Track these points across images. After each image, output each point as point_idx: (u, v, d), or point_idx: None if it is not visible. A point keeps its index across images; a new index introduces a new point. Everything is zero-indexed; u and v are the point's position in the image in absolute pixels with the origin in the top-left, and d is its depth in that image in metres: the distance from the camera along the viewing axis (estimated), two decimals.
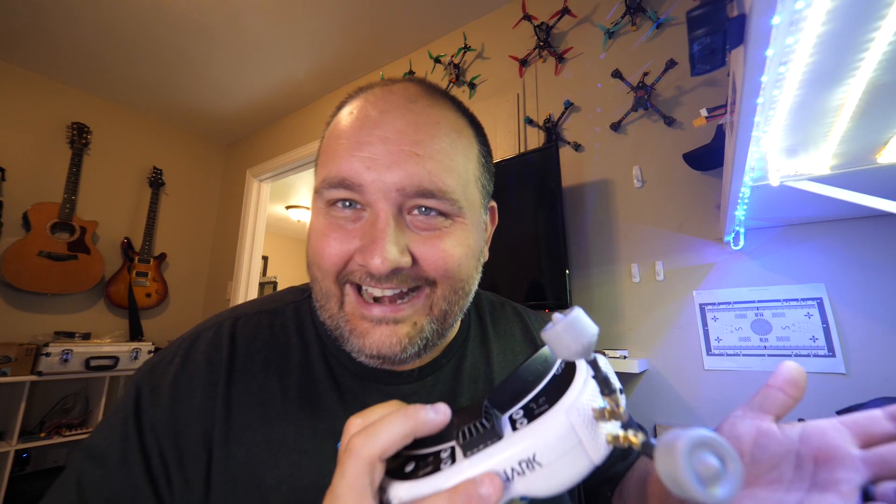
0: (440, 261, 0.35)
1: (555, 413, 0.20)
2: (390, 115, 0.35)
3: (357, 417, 0.24)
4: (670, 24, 1.31)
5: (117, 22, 1.87)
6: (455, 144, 0.36)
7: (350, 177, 0.33)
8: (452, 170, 0.35)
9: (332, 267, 0.35)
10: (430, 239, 0.35)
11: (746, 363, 1.04)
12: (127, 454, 0.33)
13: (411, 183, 0.33)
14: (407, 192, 0.33)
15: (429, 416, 0.23)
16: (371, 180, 0.33)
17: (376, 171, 0.33)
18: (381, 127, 0.34)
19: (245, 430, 0.35)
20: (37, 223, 2.07)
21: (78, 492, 0.32)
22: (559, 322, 0.20)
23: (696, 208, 1.19)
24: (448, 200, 0.34)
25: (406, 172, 0.33)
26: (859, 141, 0.61)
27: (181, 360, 0.37)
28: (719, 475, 0.17)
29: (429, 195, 0.34)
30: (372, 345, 0.34)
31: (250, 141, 2.88)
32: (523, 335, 0.51)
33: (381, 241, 0.32)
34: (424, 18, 1.85)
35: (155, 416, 0.34)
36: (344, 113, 0.38)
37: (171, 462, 0.34)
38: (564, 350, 0.20)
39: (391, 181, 0.33)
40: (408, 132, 0.34)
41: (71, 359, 1.84)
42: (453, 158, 0.36)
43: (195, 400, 0.35)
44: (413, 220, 0.35)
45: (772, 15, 0.36)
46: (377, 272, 0.32)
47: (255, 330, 0.41)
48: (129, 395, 0.36)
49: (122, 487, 0.32)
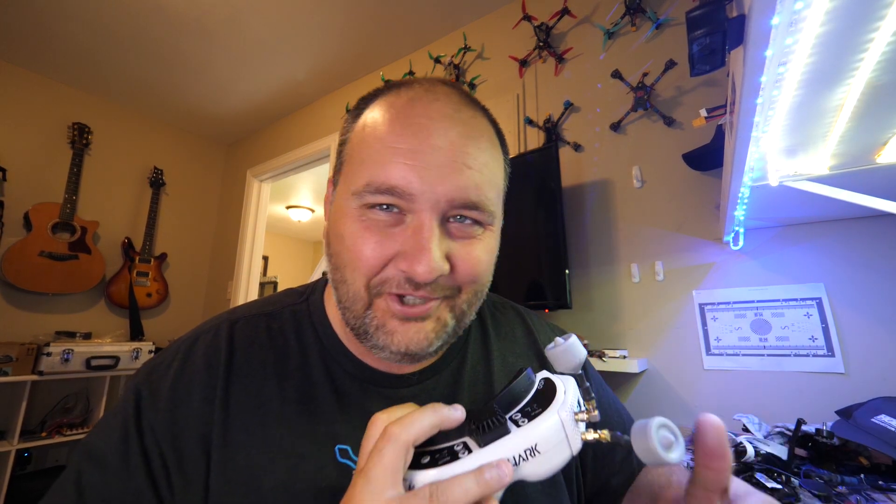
0: (473, 268, 0.36)
1: (549, 413, 0.26)
2: (440, 124, 0.35)
3: (383, 413, 0.27)
4: (670, 24, 1.31)
5: (118, 22, 1.87)
6: (494, 158, 0.38)
7: (401, 185, 0.33)
8: (494, 183, 0.37)
9: (369, 270, 0.34)
10: (465, 246, 0.36)
11: (746, 363, 1.05)
12: (127, 457, 0.33)
13: (460, 196, 0.34)
14: (455, 203, 0.34)
15: (452, 413, 0.27)
16: (422, 191, 0.33)
17: (428, 183, 0.33)
18: (434, 136, 0.34)
19: (243, 433, 0.35)
20: (38, 223, 2.07)
21: (77, 493, 0.32)
22: (560, 345, 0.28)
23: (695, 208, 1.19)
24: (487, 212, 0.36)
25: (456, 185, 0.33)
26: (858, 141, 0.61)
27: (180, 363, 0.37)
28: (673, 444, 0.23)
29: (473, 207, 0.34)
30: (400, 342, 0.35)
31: (250, 141, 2.89)
32: (525, 336, 0.50)
33: (427, 250, 0.32)
34: (424, 19, 1.85)
35: (155, 419, 0.34)
36: (382, 111, 0.36)
37: (171, 464, 0.34)
38: (562, 365, 0.28)
39: (442, 192, 0.33)
40: (458, 143, 0.34)
41: (72, 358, 1.84)
42: (493, 171, 0.37)
43: (194, 403, 0.35)
44: (451, 227, 0.35)
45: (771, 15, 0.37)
46: (422, 280, 0.32)
47: (253, 333, 0.40)
48: (128, 397, 0.36)
49: (122, 490, 0.32)
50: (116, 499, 0.32)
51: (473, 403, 0.43)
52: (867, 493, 0.64)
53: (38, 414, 1.94)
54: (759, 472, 0.69)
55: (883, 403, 0.76)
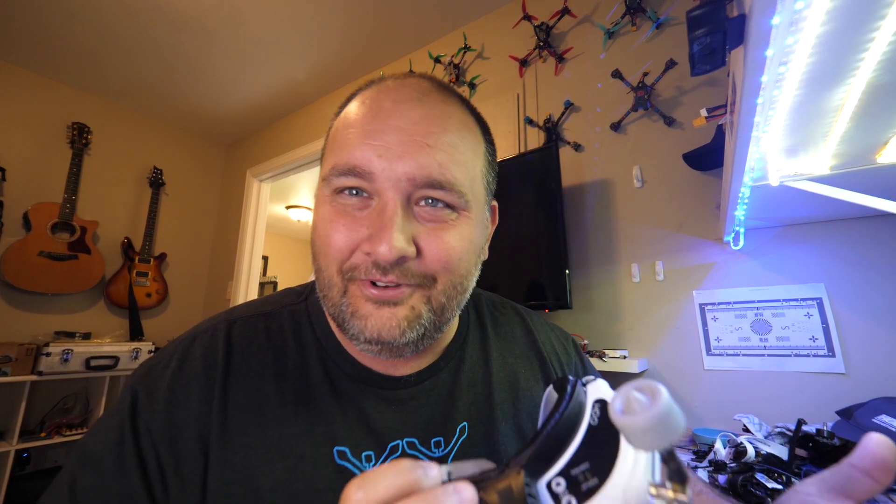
0: (443, 253, 0.35)
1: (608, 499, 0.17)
2: (403, 107, 0.35)
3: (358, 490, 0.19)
4: (670, 24, 1.31)
5: (118, 22, 1.87)
6: (464, 139, 0.37)
7: (361, 164, 0.33)
8: (461, 163, 0.36)
9: (339, 255, 0.34)
10: (434, 230, 0.35)
11: (746, 363, 1.04)
12: (122, 458, 0.33)
13: (422, 173, 0.33)
14: (417, 181, 0.33)
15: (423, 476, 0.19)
16: (381, 168, 0.33)
17: (387, 160, 0.33)
18: (394, 117, 0.34)
19: (241, 433, 0.35)
20: (37, 223, 2.07)
21: (71, 496, 0.32)
22: (643, 411, 0.16)
23: (695, 208, 1.19)
24: (456, 193, 0.35)
25: (417, 163, 0.33)
26: (859, 141, 0.61)
27: (177, 363, 0.37)
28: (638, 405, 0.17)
29: (437, 186, 0.34)
30: (373, 327, 0.34)
31: (250, 141, 2.88)
32: (525, 337, 0.50)
33: (388, 229, 0.32)
34: (424, 18, 1.85)
35: (151, 420, 0.34)
36: (355, 103, 0.38)
37: (167, 466, 0.33)
38: (644, 443, 0.17)
39: (402, 170, 0.33)
40: (420, 123, 0.35)
41: (71, 358, 1.84)
42: (462, 153, 0.36)
43: (191, 404, 0.35)
44: (420, 210, 0.35)
45: (772, 15, 0.36)
46: (384, 260, 0.32)
47: (251, 333, 0.40)
48: (124, 398, 0.36)
49: (116, 492, 0.32)
50: (110, 501, 0.32)
51: (471, 404, 0.42)
52: None
53: (38, 414, 1.94)
54: (759, 472, 0.69)
55: (883, 403, 0.76)
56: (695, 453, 0.90)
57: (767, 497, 0.64)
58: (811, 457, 0.74)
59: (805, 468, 0.70)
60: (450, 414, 0.41)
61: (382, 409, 0.39)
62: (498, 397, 0.43)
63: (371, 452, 0.37)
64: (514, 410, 0.43)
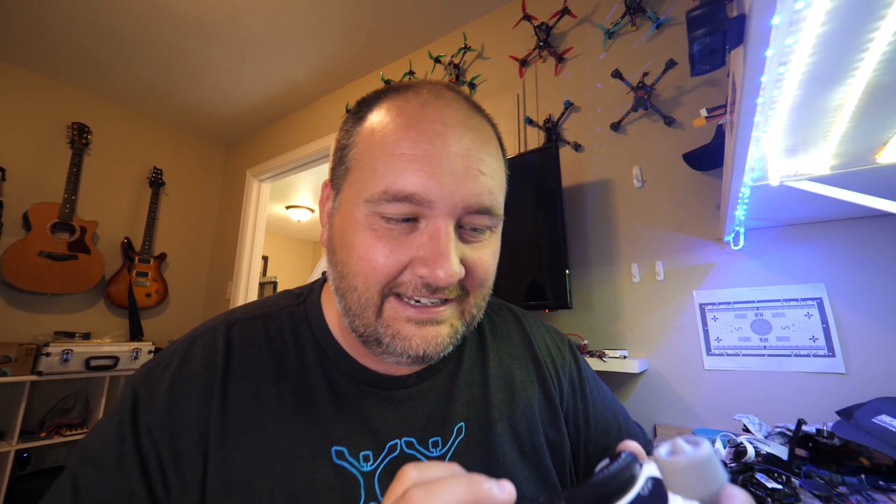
0: (483, 272, 0.37)
1: None
2: (456, 131, 0.35)
3: (413, 469, 0.22)
4: (670, 24, 1.31)
5: (117, 22, 1.87)
6: (500, 163, 0.39)
7: (419, 193, 0.33)
8: (501, 186, 0.38)
9: (383, 278, 0.34)
10: (476, 250, 0.37)
11: (746, 363, 1.04)
12: (123, 458, 0.33)
13: (476, 201, 0.34)
14: (471, 209, 0.34)
15: (493, 491, 0.20)
16: (441, 197, 0.33)
17: (447, 189, 0.33)
18: (449, 142, 0.34)
19: (240, 434, 0.35)
20: (37, 223, 2.07)
21: (73, 496, 0.32)
22: (684, 454, 0.18)
23: (695, 208, 1.19)
24: (497, 217, 0.37)
25: (473, 191, 0.34)
26: (859, 141, 0.61)
27: (178, 364, 0.37)
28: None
29: (486, 212, 0.35)
30: (418, 346, 0.35)
31: (250, 141, 2.88)
32: (521, 339, 0.50)
33: (446, 256, 0.33)
34: (424, 18, 1.85)
35: (152, 420, 0.34)
36: (393, 117, 0.36)
37: (168, 465, 0.34)
38: (684, 487, 0.18)
39: (460, 198, 0.34)
40: (472, 150, 0.35)
41: (71, 359, 1.84)
42: (501, 176, 0.38)
43: (192, 404, 0.35)
44: (465, 234, 0.36)
45: (771, 15, 0.36)
46: (443, 284, 0.33)
47: (250, 334, 0.40)
48: (125, 398, 0.36)
49: (117, 491, 0.32)
50: (111, 500, 0.32)
51: (468, 405, 0.43)
52: (868, 493, 0.64)
53: (38, 414, 1.93)
54: (759, 472, 0.69)
55: (883, 404, 0.76)
56: None
57: (767, 497, 0.64)
58: (811, 457, 0.74)
59: (805, 468, 0.70)
60: (447, 414, 0.41)
61: (381, 409, 0.40)
62: (494, 398, 0.44)
63: (369, 452, 0.37)
64: (510, 411, 0.44)
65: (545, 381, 0.47)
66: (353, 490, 0.35)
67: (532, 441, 0.43)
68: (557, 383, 0.48)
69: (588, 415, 0.48)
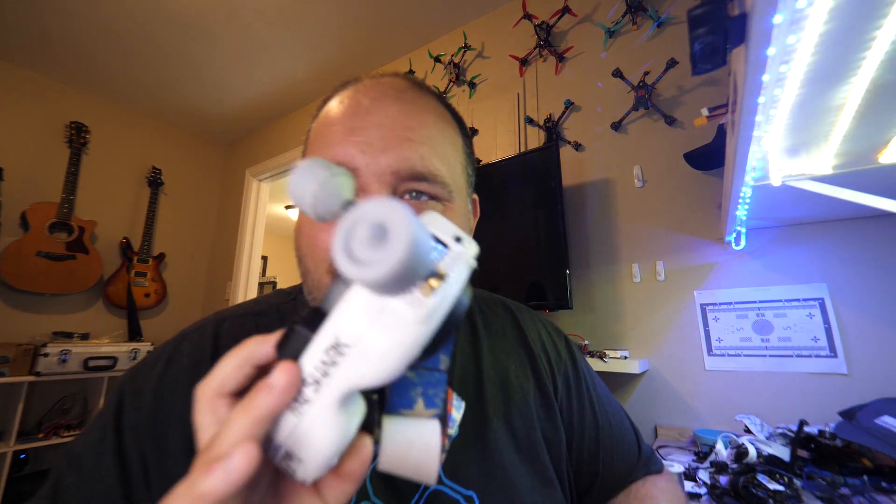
0: None
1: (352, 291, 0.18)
2: (382, 103, 0.36)
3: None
4: (671, 23, 1.31)
5: (116, 21, 1.86)
6: (443, 133, 0.38)
7: (344, 161, 0.34)
8: (442, 156, 0.37)
9: (326, 255, 0.34)
10: None
11: (748, 364, 1.04)
12: (100, 456, 0.33)
13: (405, 166, 0.34)
14: (401, 174, 0.34)
15: (257, 348, 0.23)
16: (366, 163, 0.34)
17: (371, 155, 0.34)
18: (374, 113, 0.35)
19: None
20: (35, 223, 2.06)
21: (53, 496, 0.32)
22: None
23: (697, 208, 1.19)
24: (439, 184, 0.36)
25: (400, 156, 0.34)
26: (861, 140, 0.60)
27: (165, 362, 0.37)
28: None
29: (421, 178, 0.35)
30: None
31: (250, 141, 2.88)
32: (515, 333, 0.50)
33: None
34: (424, 18, 1.85)
35: (136, 418, 0.34)
36: (333, 103, 0.39)
37: (151, 464, 0.33)
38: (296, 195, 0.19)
39: (386, 164, 0.34)
40: (400, 118, 0.35)
41: (69, 359, 1.83)
42: (442, 145, 0.38)
43: (178, 401, 0.35)
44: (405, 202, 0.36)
45: (773, 14, 0.36)
46: None
47: (239, 332, 0.40)
48: (111, 399, 0.36)
49: (92, 491, 0.32)
50: (88, 500, 0.32)
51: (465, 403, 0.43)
52: (870, 494, 0.63)
53: (35, 415, 1.93)
54: (761, 473, 0.68)
55: (886, 404, 0.76)
56: (696, 454, 0.89)
57: (769, 498, 0.63)
58: (813, 458, 0.74)
59: (807, 469, 0.70)
60: None
61: None
62: (489, 395, 0.43)
63: None
64: (505, 408, 0.43)
65: (540, 376, 0.47)
66: None
67: (528, 438, 0.42)
68: (552, 379, 0.47)
69: (583, 413, 0.47)
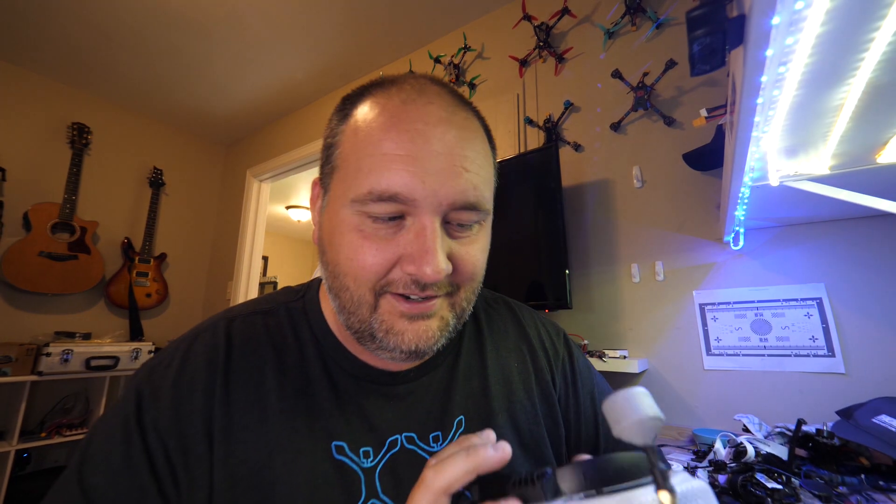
0: (471, 267, 0.37)
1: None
2: (438, 129, 0.35)
3: (433, 458, 0.29)
4: (670, 24, 1.31)
5: (118, 22, 1.87)
6: (487, 157, 0.38)
7: (403, 193, 0.33)
8: (488, 182, 0.38)
9: (373, 276, 0.35)
10: (464, 245, 0.37)
11: (746, 363, 1.04)
12: (130, 456, 0.33)
13: (461, 198, 0.34)
14: (455, 205, 0.35)
15: (488, 454, 0.26)
16: (425, 196, 0.33)
17: (431, 188, 0.33)
18: (432, 141, 0.34)
19: (242, 428, 0.35)
20: (37, 223, 2.07)
21: (83, 497, 0.32)
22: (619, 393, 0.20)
23: (695, 208, 1.19)
24: (485, 211, 0.37)
25: (457, 188, 0.34)
26: (859, 141, 0.61)
27: (180, 362, 0.37)
28: None
29: (472, 208, 0.35)
30: (410, 341, 0.35)
31: (250, 141, 2.88)
32: (516, 330, 0.51)
33: (433, 253, 0.33)
34: (424, 18, 1.85)
35: (158, 418, 0.34)
36: (376, 115, 0.35)
37: (177, 462, 0.34)
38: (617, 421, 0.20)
39: (444, 196, 0.34)
40: (455, 147, 0.35)
41: (71, 359, 1.84)
42: (488, 171, 0.38)
43: (196, 400, 0.35)
44: (452, 230, 0.36)
45: (771, 15, 0.36)
46: (430, 281, 0.34)
47: (250, 330, 0.41)
48: (128, 398, 0.36)
49: (127, 488, 0.32)
50: (122, 500, 0.32)
51: (468, 397, 0.43)
52: (868, 493, 0.64)
53: (38, 414, 1.94)
54: (759, 472, 0.69)
55: (883, 404, 0.76)
56: (695, 453, 0.90)
57: (767, 497, 0.64)
58: (811, 457, 0.74)
59: (805, 468, 0.70)
60: (447, 408, 0.42)
61: (381, 404, 0.40)
62: (493, 390, 0.44)
63: (369, 448, 0.37)
64: (509, 403, 0.44)
65: (541, 372, 0.48)
66: (354, 486, 0.35)
67: (532, 433, 0.43)
68: (551, 374, 0.48)
69: (579, 410, 0.48)
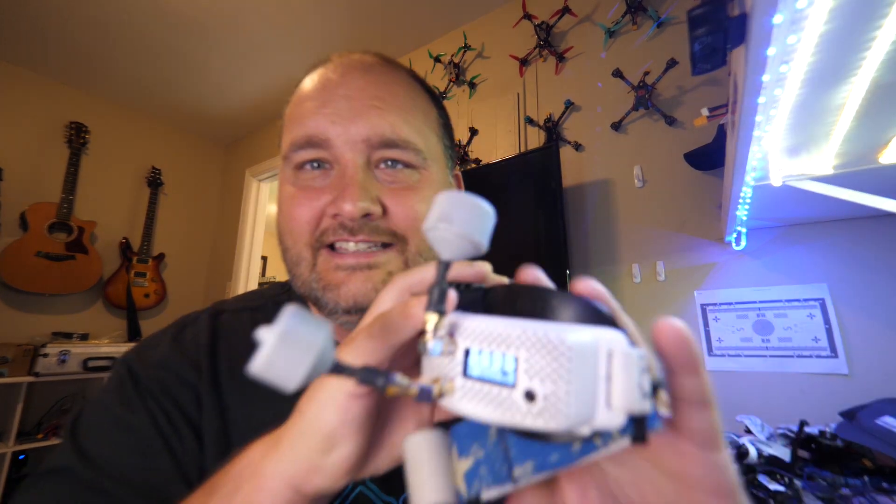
0: (410, 211, 0.35)
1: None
2: (350, 76, 0.37)
3: None
4: (671, 23, 1.31)
5: (116, 21, 1.86)
6: (414, 102, 0.38)
7: (316, 133, 0.34)
8: (413, 123, 0.37)
9: (306, 227, 0.35)
10: (398, 191, 0.36)
11: (748, 364, 1.04)
12: (133, 414, 0.33)
13: (375, 133, 0.34)
14: (372, 142, 0.34)
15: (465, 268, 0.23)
16: (337, 134, 0.34)
17: (341, 125, 0.34)
18: (343, 86, 0.36)
19: (227, 410, 0.35)
20: (34, 223, 2.06)
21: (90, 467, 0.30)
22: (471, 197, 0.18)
23: (697, 208, 1.18)
24: (412, 150, 0.36)
25: (370, 124, 0.34)
26: (862, 140, 0.60)
27: (170, 341, 0.38)
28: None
29: (393, 145, 0.35)
30: (348, 294, 0.33)
31: (249, 141, 2.88)
32: None
33: (351, 187, 0.33)
34: (424, 18, 1.85)
35: (149, 382, 0.34)
36: (304, 83, 0.39)
37: (176, 419, 0.33)
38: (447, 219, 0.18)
39: (356, 132, 0.34)
40: (368, 89, 0.36)
41: (69, 359, 1.83)
42: (413, 113, 0.37)
43: (186, 374, 0.35)
44: (380, 173, 0.36)
45: (773, 14, 0.36)
46: (349, 216, 0.33)
47: (237, 324, 0.41)
48: (118, 372, 0.36)
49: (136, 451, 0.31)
50: (132, 464, 0.31)
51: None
52: (871, 495, 0.63)
53: (35, 416, 1.93)
54: (761, 473, 0.68)
55: (887, 405, 0.76)
56: None
57: (770, 499, 0.63)
58: (814, 458, 0.73)
59: (808, 470, 0.70)
60: None
61: None
62: None
63: None
64: None
65: None
66: None
67: None
68: None
69: None
